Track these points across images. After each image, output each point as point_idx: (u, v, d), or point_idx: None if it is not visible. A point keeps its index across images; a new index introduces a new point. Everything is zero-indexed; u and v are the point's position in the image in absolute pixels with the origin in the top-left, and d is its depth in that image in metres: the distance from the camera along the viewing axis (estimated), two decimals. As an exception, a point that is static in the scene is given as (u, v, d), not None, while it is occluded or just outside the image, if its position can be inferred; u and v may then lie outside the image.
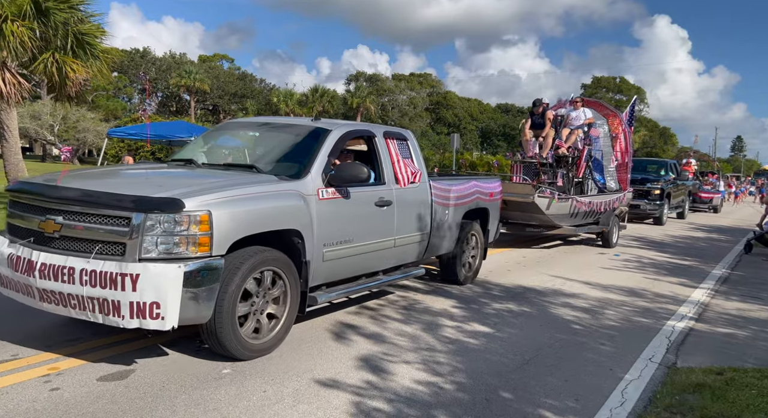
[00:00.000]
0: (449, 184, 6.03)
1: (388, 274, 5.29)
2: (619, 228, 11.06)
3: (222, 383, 3.50)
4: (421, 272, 5.67)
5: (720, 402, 3.50)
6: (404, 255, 5.38)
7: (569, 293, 6.57)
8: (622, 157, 11.49)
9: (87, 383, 3.36)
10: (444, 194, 5.82)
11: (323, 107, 41.21)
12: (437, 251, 5.94)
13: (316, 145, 4.53)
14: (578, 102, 10.76)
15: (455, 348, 4.39)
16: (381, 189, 4.93)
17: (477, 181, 6.57)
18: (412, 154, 5.51)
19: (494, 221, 7.00)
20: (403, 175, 5.18)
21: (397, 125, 48.43)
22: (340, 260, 4.49)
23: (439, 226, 5.76)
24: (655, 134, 59.64)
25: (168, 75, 44.35)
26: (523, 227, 9.43)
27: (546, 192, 8.80)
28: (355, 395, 3.44)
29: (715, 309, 6.22)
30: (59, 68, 10.09)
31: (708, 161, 35.69)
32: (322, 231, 4.22)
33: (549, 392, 3.65)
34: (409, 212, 5.26)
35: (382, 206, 4.86)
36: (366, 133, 5.16)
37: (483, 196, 6.60)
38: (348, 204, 4.48)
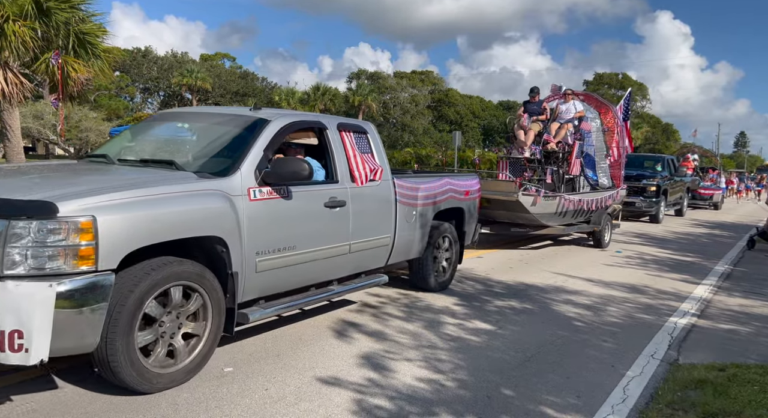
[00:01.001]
0: (417, 182, 5.47)
1: (345, 283, 4.74)
2: (611, 227, 10.56)
3: (224, 381, 3.51)
4: (383, 279, 5.09)
5: (722, 398, 3.49)
6: (364, 261, 4.84)
7: (571, 290, 6.56)
8: (616, 152, 10.99)
9: (87, 382, 3.37)
10: (410, 193, 5.29)
11: (325, 105, 41.18)
12: (405, 255, 5.43)
13: (251, 137, 3.95)
14: (569, 94, 10.31)
15: (457, 345, 4.39)
16: (333, 188, 4.40)
17: (450, 179, 6.03)
18: (372, 148, 4.98)
19: (471, 222, 6.49)
20: (361, 173, 4.65)
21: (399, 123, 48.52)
22: (280, 270, 3.93)
23: (406, 228, 5.23)
24: (658, 130, 59.44)
25: (170, 74, 44.40)
26: (508, 226, 8.95)
27: (531, 190, 8.35)
28: (356, 392, 3.45)
29: (717, 305, 6.21)
30: (61, 68, 10.11)
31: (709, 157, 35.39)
32: (254, 237, 3.66)
33: (551, 389, 3.65)
34: (368, 213, 4.74)
35: (333, 207, 4.33)
36: (315, 124, 4.60)
37: (457, 194, 6.07)
38: (289, 205, 3.94)
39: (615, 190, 10.64)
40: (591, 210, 9.67)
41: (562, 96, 10.37)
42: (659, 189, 14.95)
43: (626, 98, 12.07)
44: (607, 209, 10.25)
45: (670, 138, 59.63)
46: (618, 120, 10.97)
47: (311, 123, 4.60)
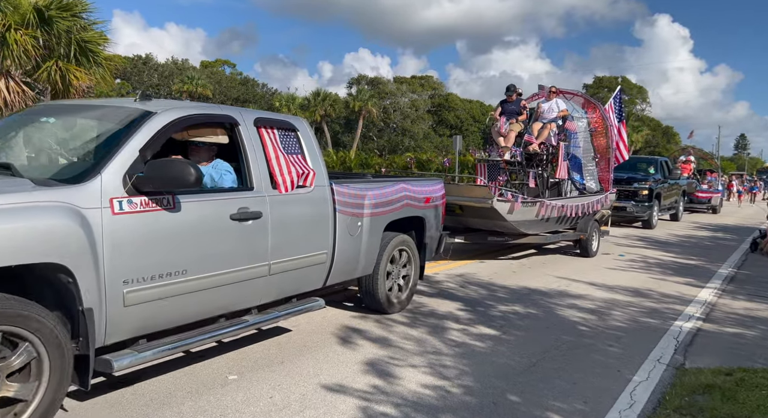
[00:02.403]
0: (363, 188, 4.75)
1: (267, 311, 4.00)
2: (600, 234, 9.79)
3: (228, 389, 3.49)
4: (318, 304, 4.33)
5: (730, 403, 3.47)
6: (291, 284, 4.10)
7: (575, 295, 6.54)
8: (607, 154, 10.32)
9: (93, 391, 3.36)
10: (354, 201, 4.57)
11: (325, 111, 41.23)
12: (349, 273, 4.72)
13: (124, 134, 3.18)
14: (552, 92, 9.62)
15: (462, 351, 4.37)
16: (244, 196, 3.64)
17: (407, 184, 5.31)
18: (303, 149, 4.26)
19: (434, 232, 5.73)
20: (285, 177, 3.92)
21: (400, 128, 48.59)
22: (165, 301, 3.16)
23: (348, 242, 4.52)
24: (658, 133, 59.45)
25: (171, 81, 44.55)
26: (485, 235, 8.26)
27: (507, 195, 7.76)
28: (362, 399, 3.43)
29: (722, 309, 6.19)
30: (62, 76, 10.16)
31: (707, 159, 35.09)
32: (120, 262, 2.91)
33: (557, 395, 3.63)
34: (295, 226, 4.00)
35: (244, 220, 3.57)
36: (222, 119, 3.80)
37: (415, 202, 5.33)
38: (176, 219, 3.18)
39: (603, 195, 9.99)
40: (577, 216, 9.04)
41: (545, 94, 9.74)
42: (651, 193, 14.21)
43: (616, 97, 11.33)
44: (595, 215, 9.62)
45: (670, 141, 59.64)
46: (608, 120, 10.34)
47: (216, 117, 3.80)
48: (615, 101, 11.11)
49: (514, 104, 9.28)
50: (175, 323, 3.36)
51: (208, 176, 3.74)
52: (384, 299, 5.14)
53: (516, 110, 9.21)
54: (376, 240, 4.87)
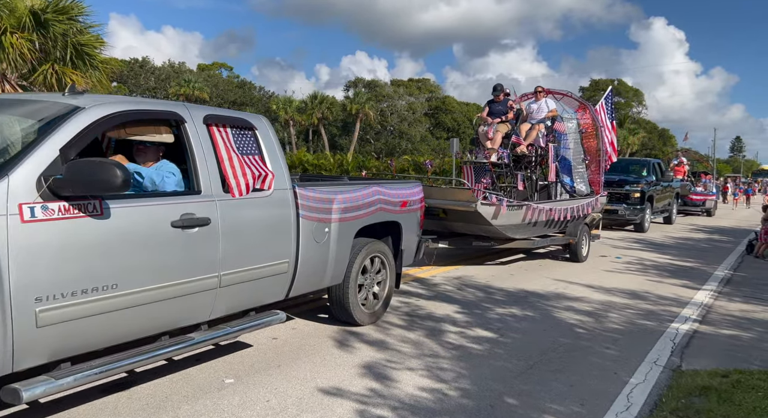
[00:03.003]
0: (331, 191, 4.42)
1: (218, 326, 3.66)
2: (590, 238, 9.47)
3: (225, 393, 3.48)
4: (278, 318, 3.98)
5: (726, 405, 3.48)
6: (246, 297, 3.78)
7: (572, 297, 6.55)
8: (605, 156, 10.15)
9: (90, 395, 3.34)
10: (320, 206, 4.25)
11: (323, 114, 41.26)
12: (316, 283, 4.41)
13: (44, 131, 2.86)
14: (540, 92, 9.35)
15: (459, 354, 4.37)
16: (189, 201, 3.33)
17: (381, 187, 4.99)
18: (262, 149, 3.95)
19: (411, 238, 5.44)
20: (239, 180, 3.62)
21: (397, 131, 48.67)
22: (86, 320, 2.80)
23: (314, 250, 4.19)
24: (654, 136, 59.70)
25: (167, 84, 44.52)
26: (470, 240, 8.00)
27: (492, 199, 7.40)
28: (359, 403, 3.43)
29: (718, 311, 6.20)
30: (59, 79, 10.14)
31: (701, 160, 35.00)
32: (30, 276, 2.58)
33: (554, 398, 3.63)
34: (251, 233, 3.67)
35: (188, 228, 3.24)
36: (167, 115, 3.46)
37: (390, 206, 5.02)
38: (102, 227, 2.85)
39: (593, 198, 9.68)
40: (566, 220, 8.73)
41: (533, 94, 9.49)
42: (644, 195, 13.85)
43: (607, 97, 10.98)
44: (585, 219, 9.29)
45: (666, 143, 59.87)
46: (598, 121, 10.11)
47: (158, 114, 3.45)
48: (606, 102, 10.83)
49: (501, 104, 9.04)
50: (105, 344, 3.03)
51: (148, 179, 3.42)
52: (355, 310, 4.79)
53: (503, 111, 8.96)
54: (346, 247, 4.54)
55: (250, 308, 3.92)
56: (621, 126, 53.79)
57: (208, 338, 3.54)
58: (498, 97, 9.05)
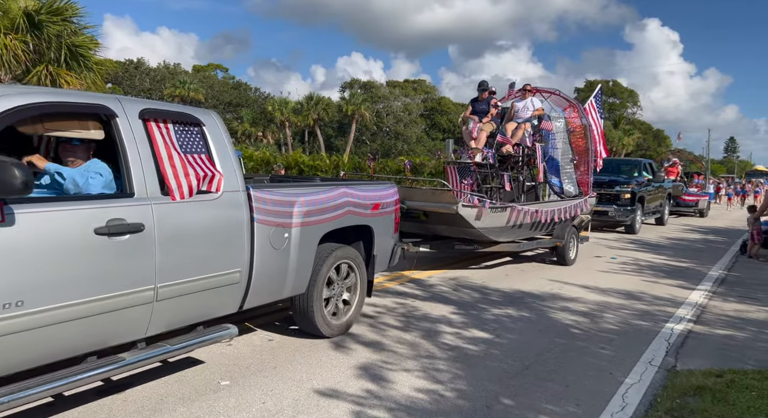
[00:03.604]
0: (292, 194, 4.08)
1: (158, 344, 3.31)
2: (578, 241, 9.18)
3: (221, 395, 3.48)
4: (229, 333, 3.64)
5: (721, 405, 3.49)
6: (190, 310, 3.43)
7: (568, 297, 6.57)
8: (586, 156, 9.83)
9: (84, 398, 3.33)
10: (279, 209, 3.92)
11: (318, 115, 41.25)
12: (275, 293, 4.06)
13: None
14: (528, 90, 9.11)
15: (455, 355, 4.37)
16: (118, 205, 2.99)
17: (350, 189, 4.66)
18: (210, 147, 3.62)
19: (385, 242, 5.09)
20: (181, 181, 3.29)
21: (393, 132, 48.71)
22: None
23: (271, 257, 3.86)
24: (649, 137, 59.97)
25: (162, 85, 44.42)
26: (451, 243, 7.70)
27: (474, 200, 7.13)
28: (355, 404, 3.43)
29: (713, 311, 6.23)
30: (53, 81, 10.10)
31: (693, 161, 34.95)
32: None
33: (550, 398, 3.64)
34: (194, 240, 3.34)
35: (117, 235, 2.92)
36: (94, 109, 3.10)
37: (361, 209, 4.70)
38: (4, 235, 2.52)
39: (582, 199, 9.40)
40: (554, 222, 8.44)
41: (519, 92, 9.21)
42: (635, 196, 13.59)
43: (596, 95, 10.70)
44: (573, 221, 9.00)
45: (661, 144, 60.13)
46: (585, 120, 9.91)
47: (83, 107, 3.09)
48: (596, 100, 10.57)
49: (484, 103, 8.70)
50: (13, 369, 2.65)
51: (70, 180, 3.06)
52: (321, 321, 4.43)
53: (486, 110, 8.64)
54: (310, 254, 4.21)
55: (199, 322, 3.58)
56: (616, 127, 54.08)
57: (143, 359, 3.17)
58: (482, 95, 8.73)
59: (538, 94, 9.59)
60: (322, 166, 21.51)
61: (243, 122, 43.15)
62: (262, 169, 20.59)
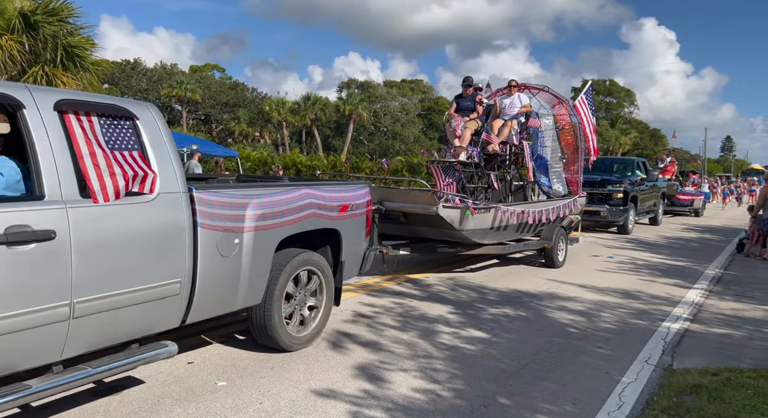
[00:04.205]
0: (244, 195, 3.71)
1: (76, 368, 2.92)
2: (567, 242, 8.88)
3: (217, 396, 3.47)
4: (167, 351, 3.26)
5: (717, 403, 3.50)
6: (119, 328, 3.06)
7: (564, 297, 6.58)
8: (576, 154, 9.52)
9: (80, 400, 3.32)
10: (228, 213, 3.56)
11: (316, 115, 41.22)
12: (224, 305, 3.71)
13: None
14: (514, 86, 8.72)
15: (452, 354, 4.38)
16: (21, 209, 2.63)
17: (314, 190, 4.31)
18: (144, 143, 3.24)
19: (355, 246, 4.76)
20: (105, 182, 2.92)
21: (390, 132, 48.71)
22: None
23: (219, 265, 3.51)
24: (646, 136, 60.09)
25: (159, 86, 44.35)
26: (434, 245, 7.41)
27: (455, 201, 6.80)
28: (352, 404, 3.43)
29: (709, 309, 6.25)
30: (49, 81, 10.06)
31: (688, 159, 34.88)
32: None
33: (547, 397, 3.64)
34: (121, 248, 2.97)
35: (20, 244, 2.57)
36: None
37: (326, 211, 4.35)
38: None
39: (571, 199, 9.08)
40: (541, 223, 8.19)
41: (506, 88, 8.82)
42: (627, 195, 13.30)
43: (587, 92, 10.33)
44: (562, 222, 8.74)
45: (658, 143, 60.27)
46: (578, 117, 9.57)
47: None
48: (587, 97, 10.18)
49: (468, 100, 8.31)
50: None
51: None
52: (281, 334, 4.08)
53: (471, 107, 8.27)
54: (266, 261, 3.86)
55: (133, 340, 3.21)
56: (613, 126, 54.18)
57: (56, 385, 2.76)
58: (466, 91, 8.33)
59: (526, 91, 9.32)
60: (319, 166, 21.52)
61: (240, 122, 43.09)
62: (259, 169, 20.57)
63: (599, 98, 58.80)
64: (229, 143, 39.66)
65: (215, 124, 48.27)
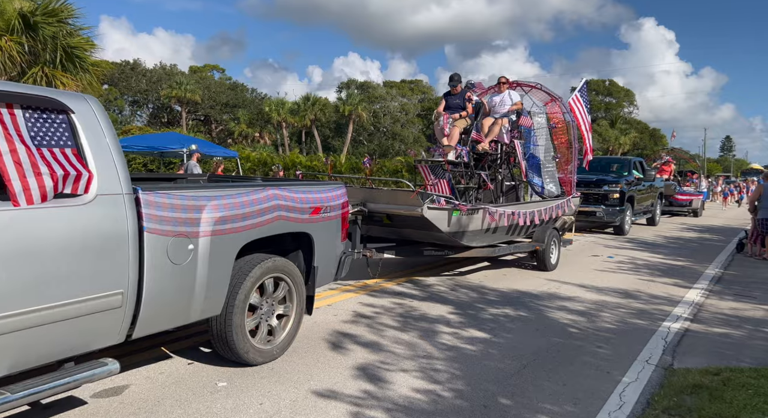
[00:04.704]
0: (201, 196, 3.42)
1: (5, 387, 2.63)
2: (560, 244, 8.58)
3: (218, 396, 3.47)
4: (106, 370, 2.95)
5: (717, 403, 3.50)
6: (49, 346, 2.75)
7: (565, 297, 6.58)
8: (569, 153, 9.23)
9: (80, 401, 3.32)
10: (180, 216, 3.26)
11: (315, 115, 41.22)
12: (177, 317, 3.39)
13: None
14: (504, 83, 8.38)
15: (453, 355, 4.38)
16: None
17: (282, 190, 4.03)
18: (79, 139, 2.93)
19: (328, 251, 4.49)
20: (29, 182, 2.64)
21: (390, 132, 48.71)
22: None
23: (168, 274, 3.21)
24: (646, 136, 60.11)
25: (159, 86, 44.34)
26: (421, 248, 7.09)
27: (440, 202, 6.38)
28: (353, 405, 3.42)
29: (709, 309, 6.25)
30: (49, 82, 10.06)
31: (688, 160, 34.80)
32: None
33: (547, 397, 3.64)
34: (49, 257, 2.67)
35: None
36: None
37: (296, 213, 4.08)
38: None
39: (564, 199, 8.77)
40: (534, 224, 7.87)
41: (496, 86, 8.46)
42: (623, 196, 13.00)
43: (581, 89, 9.88)
44: (555, 223, 8.46)
45: (657, 143, 60.31)
46: (571, 115, 9.23)
47: None
48: (581, 94, 9.70)
49: (458, 97, 7.98)
50: None
51: None
52: (244, 347, 3.79)
53: (460, 104, 7.93)
54: (225, 268, 3.57)
55: (68, 358, 2.90)
56: (613, 126, 54.19)
57: None
58: (455, 88, 7.98)
59: (518, 88, 9.03)
60: (319, 166, 21.50)
61: (240, 123, 43.08)
62: (259, 170, 20.55)
63: (599, 98, 58.81)
64: (229, 144, 39.66)
65: (215, 125, 48.26)
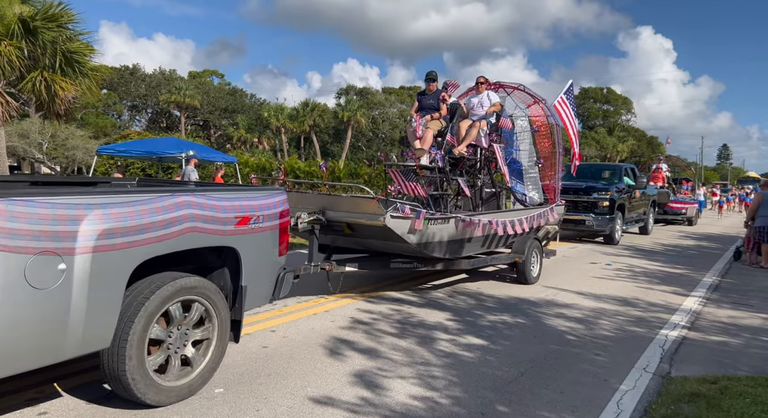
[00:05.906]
0: (80, 204, 2.83)
1: None
2: (542, 255, 8.06)
3: (214, 403, 3.45)
4: None
5: (715, 411, 3.50)
6: None
7: (562, 304, 6.57)
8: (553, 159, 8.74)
9: (76, 407, 3.30)
10: (47, 228, 2.69)
11: (314, 121, 41.30)
12: (42, 356, 2.78)
13: None
14: (482, 83, 7.79)
15: (450, 362, 4.37)
16: None
17: (198, 197, 3.43)
18: None
19: (261, 268, 3.91)
20: None
21: (389, 138, 48.75)
22: None
23: (23, 301, 2.63)
24: (644, 143, 60.35)
25: (158, 91, 44.40)
26: (387, 260, 6.45)
27: (405, 210, 5.65)
28: (350, 412, 3.41)
29: (707, 317, 6.25)
30: (48, 87, 10.07)
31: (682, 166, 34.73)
32: None
33: (545, 405, 3.64)
34: None
35: None
36: None
37: (214, 224, 3.47)
38: None
39: (547, 207, 8.24)
40: (515, 234, 7.30)
41: (474, 87, 7.98)
42: (614, 204, 12.55)
43: (567, 90, 9.24)
44: (537, 233, 7.98)
45: (655, 150, 60.50)
46: (554, 118, 8.77)
47: None
48: (568, 96, 9.15)
49: (432, 97, 7.44)
50: None
51: None
52: (142, 386, 3.15)
53: (434, 105, 7.40)
54: (115, 291, 2.99)
55: None
56: (611, 134, 54.36)
57: None
58: (429, 86, 7.44)
59: (500, 90, 8.60)
60: (317, 172, 21.52)
61: (239, 128, 43.13)
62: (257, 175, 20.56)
63: (597, 106, 59.02)
64: (228, 149, 39.66)
65: (214, 130, 48.28)
